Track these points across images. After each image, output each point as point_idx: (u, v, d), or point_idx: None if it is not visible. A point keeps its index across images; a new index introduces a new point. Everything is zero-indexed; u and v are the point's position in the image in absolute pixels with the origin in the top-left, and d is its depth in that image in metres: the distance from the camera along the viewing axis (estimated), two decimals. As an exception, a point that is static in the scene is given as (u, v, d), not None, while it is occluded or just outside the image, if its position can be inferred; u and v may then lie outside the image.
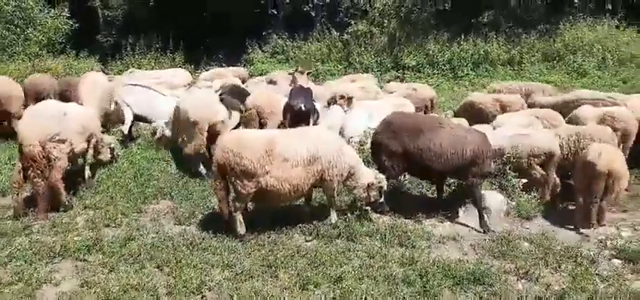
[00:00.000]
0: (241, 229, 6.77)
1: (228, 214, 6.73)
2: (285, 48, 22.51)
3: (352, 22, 21.85)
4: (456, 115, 12.24)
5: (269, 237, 6.83)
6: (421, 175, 8.54)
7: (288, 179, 6.63)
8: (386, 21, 21.60)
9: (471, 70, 19.20)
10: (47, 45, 20.27)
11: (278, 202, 6.88)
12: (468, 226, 7.94)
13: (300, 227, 7.16)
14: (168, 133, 9.49)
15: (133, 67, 18.48)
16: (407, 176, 8.82)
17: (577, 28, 20.05)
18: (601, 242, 7.67)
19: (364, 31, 21.48)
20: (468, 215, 8.23)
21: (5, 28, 19.54)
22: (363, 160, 7.91)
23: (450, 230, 7.70)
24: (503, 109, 12.16)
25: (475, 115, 11.75)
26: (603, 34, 19.50)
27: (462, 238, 7.48)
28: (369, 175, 7.42)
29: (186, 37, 21.75)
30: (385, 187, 7.53)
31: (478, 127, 9.94)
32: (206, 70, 18.77)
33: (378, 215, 7.79)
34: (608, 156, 7.84)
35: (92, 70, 17.38)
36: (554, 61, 18.99)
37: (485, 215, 8.07)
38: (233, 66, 19.79)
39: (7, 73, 15.79)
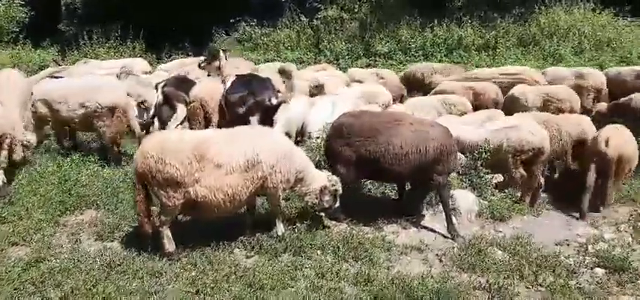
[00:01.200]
0: (169, 245, 5.74)
1: (152, 229, 5.70)
2: (253, 35, 21.34)
3: (322, 8, 20.73)
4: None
5: (203, 254, 5.79)
6: (382, 179, 7.58)
7: (222, 188, 5.60)
8: (356, 6, 20.55)
9: (444, 56, 18.21)
10: (-2, 34, 18.93)
11: (212, 214, 5.82)
12: (434, 231, 7.03)
13: (241, 240, 6.14)
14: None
15: (91, 57, 17.29)
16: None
17: (553, 11, 19.19)
18: (582, 247, 6.84)
19: (334, 16, 20.42)
20: (435, 218, 7.34)
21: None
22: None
23: (414, 238, 6.77)
24: (477, 97, 11.31)
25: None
26: (580, 18, 18.66)
27: (427, 246, 6.55)
28: (321, 178, 6.44)
29: (148, 25, 20.44)
30: (340, 191, 6.56)
31: (449, 118, 9.08)
32: (168, 60, 17.70)
33: (334, 223, 6.83)
34: (617, 141, 7.84)
35: (50, 60, 16.29)
36: (530, 46, 18.08)
37: (454, 219, 7.17)
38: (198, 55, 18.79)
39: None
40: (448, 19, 19.31)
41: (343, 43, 19.49)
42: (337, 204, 6.63)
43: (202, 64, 9.26)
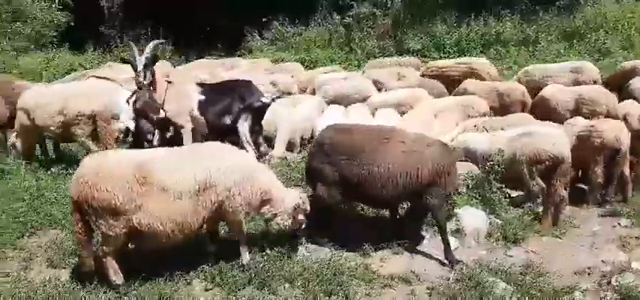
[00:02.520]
0: (115, 277, 5.00)
1: (94, 261, 5.02)
2: (285, 34, 20.65)
3: (354, 5, 19.78)
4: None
5: (155, 287, 5.05)
6: (368, 204, 6.64)
7: (170, 215, 4.83)
8: (390, 2, 19.47)
9: (480, 52, 16.95)
10: (37, 39, 18.90)
11: (161, 244, 5.04)
12: (431, 257, 6.09)
13: (202, 269, 5.39)
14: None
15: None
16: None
17: (600, 3, 17.60)
18: (604, 278, 5.74)
19: (367, 13, 19.42)
20: (434, 241, 6.38)
21: (-8, 22, 18.29)
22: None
23: (405, 266, 5.85)
24: (501, 98, 10.20)
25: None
26: (629, 10, 17.00)
27: (417, 277, 5.64)
28: (292, 196, 5.61)
29: (179, 26, 20.08)
30: (308, 210, 5.73)
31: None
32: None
33: (313, 248, 5.99)
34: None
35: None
36: (574, 40, 16.59)
37: (456, 243, 6.24)
38: (232, 56, 18.30)
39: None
40: (486, 13, 18.03)
41: (375, 40, 18.53)
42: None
43: (144, 82, 7.16)
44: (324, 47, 19.25)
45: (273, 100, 7.71)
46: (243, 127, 7.42)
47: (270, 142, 9.34)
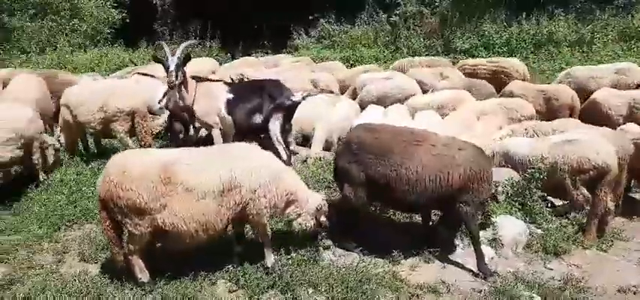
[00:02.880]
0: (141, 275, 4.99)
1: (124, 257, 5.05)
2: (331, 32, 20.52)
3: (401, 3, 19.44)
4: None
5: (179, 286, 5.02)
6: (394, 208, 6.41)
7: (195, 216, 4.79)
8: (438, 0, 19.04)
9: (531, 52, 16.35)
10: (93, 35, 19.48)
11: (184, 244, 5.00)
12: (464, 267, 5.81)
13: (227, 270, 5.33)
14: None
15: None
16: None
17: (661, 2, 16.71)
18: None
19: (414, 11, 19.06)
20: (467, 252, 6.09)
21: (52, 19, 18.95)
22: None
23: (435, 275, 5.60)
24: (548, 101, 9.75)
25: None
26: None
27: (447, 288, 5.39)
28: (316, 197, 5.50)
29: (225, 23, 20.26)
30: (327, 211, 5.60)
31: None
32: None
33: (340, 253, 5.83)
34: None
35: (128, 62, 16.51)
36: (632, 42, 15.75)
37: (489, 253, 5.97)
38: (278, 53, 18.34)
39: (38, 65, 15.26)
40: (538, 11, 17.37)
41: (422, 39, 18.16)
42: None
43: (175, 79, 7.02)
44: (369, 46, 19.03)
45: (303, 98, 7.55)
46: (275, 126, 7.31)
47: (308, 141, 9.29)
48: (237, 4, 22.07)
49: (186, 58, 7.19)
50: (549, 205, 7.08)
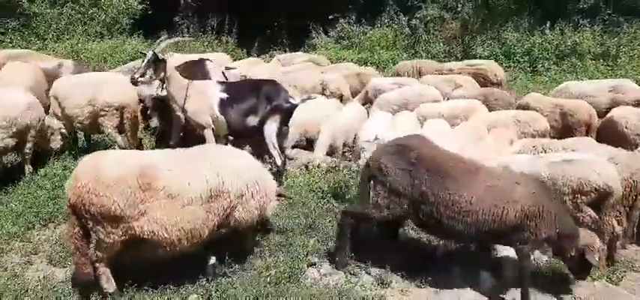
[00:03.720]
0: (108, 285, 4.59)
1: (90, 268, 4.64)
2: (350, 33, 20.11)
3: (423, 6, 18.94)
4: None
5: (147, 298, 4.68)
6: (436, 232, 5.71)
7: (178, 223, 4.45)
8: (460, 5, 18.49)
9: (553, 64, 15.75)
10: (111, 25, 19.34)
11: (162, 253, 4.62)
12: (459, 296, 5.34)
13: (200, 285, 4.96)
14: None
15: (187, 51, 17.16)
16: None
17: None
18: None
19: (435, 16, 18.56)
20: (466, 277, 5.63)
21: (71, 7, 18.86)
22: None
23: (423, 301, 5.17)
24: (564, 117, 9.21)
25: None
26: None
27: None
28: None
29: (243, 19, 19.99)
30: None
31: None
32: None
33: (325, 271, 5.42)
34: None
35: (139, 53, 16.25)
36: (660, 56, 15.09)
37: (488, 281, 5.56)
38: (295, 51, 18.03)
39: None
40: (563, 21, 16.73)
41: (441, 44, 17.66)
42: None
43: (140, 79, 6.69)
44: (388, 48, 18.59)
45: (302, 101, 7.15)
46: (270, 129, 6.92)
47: (312, 144, 8.94)
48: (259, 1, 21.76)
49: (157, 57, 6.79)
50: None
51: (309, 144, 9.18)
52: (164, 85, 7.10)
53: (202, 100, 6.96)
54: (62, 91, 7.51)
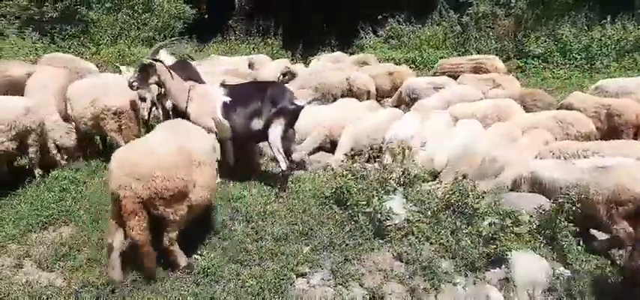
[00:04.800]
0: (183, 260, 5.05)
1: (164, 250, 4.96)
2: (400, 32, 19.56)
3: (474, 2, 18.12)
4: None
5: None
6: None
7: (208, 183, 5.20)
8: (513, 0, 17.53)
9: (613, 60, 14.60)
10: (162, 29, 19.75)
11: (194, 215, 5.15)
12: None
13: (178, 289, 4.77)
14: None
15: (230, 53, 17.28)
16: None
17: None
18: None
19: (487, 12, 17.69)
20: (471, 292, 5.15)
21: (126, 13, 19.42)
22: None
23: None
24: (610, 118, 8.41)
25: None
26: None
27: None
28: None
29: (293, 21, 19.88)
30: None
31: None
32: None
33: (316, 280, 5.07)
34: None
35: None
36: None
37: (496, 297, 5.04)
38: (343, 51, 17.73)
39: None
40: (626, 15, 15.50)
41: (493, 41, 16.80)
42: None
43: (134, 83, 6.74)
44: (437, 47, 17.93)
45: (308, 103, 6.82)
46: (275, 133, 6.63)
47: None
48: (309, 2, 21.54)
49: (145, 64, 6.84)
50: (580, 242, 5.91)
51: (333, 147, 8.85)
52: (162, 89, 7.04)
53: (205, 104, 6.80)
54: (71, 94, 7.58)
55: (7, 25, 17.61)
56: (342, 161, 7.87)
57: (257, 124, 6.70)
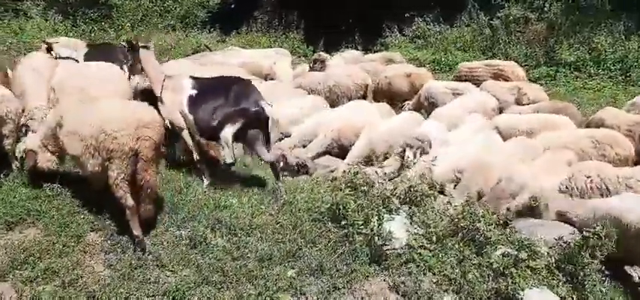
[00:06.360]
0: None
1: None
2: (427, 33, 18.70)
3: (505, 5, 17.15)
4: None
5: None
6: None
7: None
8: (547, 4, 16.51)
9: (650, 73, 13.58)
10: (185, 17, 19.28)
11: None
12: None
13: None
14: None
15: (250, 45, 16.76)
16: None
17: None
18: None
19: (518, 15, 16.72)
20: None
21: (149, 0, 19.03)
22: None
23: None
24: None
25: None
26: None
27: None
28: None
29: (313, 15, 19.20)
30: None
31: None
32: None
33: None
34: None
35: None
36: None
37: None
38: (368, 51, 17.06)
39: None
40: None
41: (523, 47, 15.85)
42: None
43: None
44: (464, 49, 17.06)
45: (271, 106, 6.21)
46: (227, 132, 6.03)
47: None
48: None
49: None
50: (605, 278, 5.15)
51: (342, 151, 8.20)
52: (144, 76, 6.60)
53: (174, 95, 6.29)
54: (55, 81, 7.02)
55: (31, 6, 17.46)
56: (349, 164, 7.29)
57: (216, 122, 6.13)
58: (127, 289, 4.29)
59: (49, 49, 8.00)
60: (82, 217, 5.30)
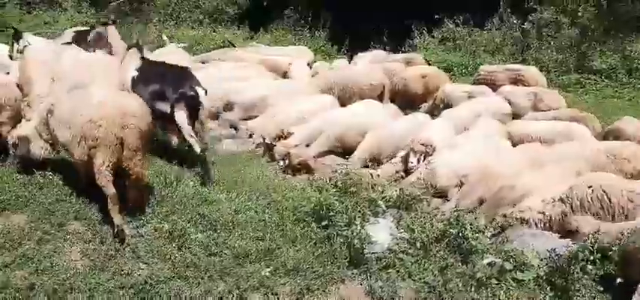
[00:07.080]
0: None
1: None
2: (456, 35, 18.31)
3: (537, 8, 16.62)
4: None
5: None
6: None
7: None
8: (580, 9, 15.92)
9: (687, 84, 12.92)
10: (213, 13, 19.45)
11: None
12: None
13: None
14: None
15: (274, 43, 16.80)
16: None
17: None
18: None
19: (550, 19, 16.19)
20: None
21: (179, -7, 19.30)
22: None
23: None
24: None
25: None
26: None
27: None
28: None
29: (339, 13, 19.04)
30: None
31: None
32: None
33: None
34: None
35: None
36: None
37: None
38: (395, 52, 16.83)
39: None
40: None
41: (554, 52, 15.32)
42: None
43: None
44: (493, 53, 16.62)
45: (206, 92, 6.34)
46: (181, 117, 6.25)
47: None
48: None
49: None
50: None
51: (346, 151, 8.09)
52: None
53: (123, 73, 6.62)
54: None
55: (66, -1, 17.99)
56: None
57: (163, 106, 6.36)
58: (97, 279, 4.30)
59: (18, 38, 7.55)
60: (69, 205, 5.34)
